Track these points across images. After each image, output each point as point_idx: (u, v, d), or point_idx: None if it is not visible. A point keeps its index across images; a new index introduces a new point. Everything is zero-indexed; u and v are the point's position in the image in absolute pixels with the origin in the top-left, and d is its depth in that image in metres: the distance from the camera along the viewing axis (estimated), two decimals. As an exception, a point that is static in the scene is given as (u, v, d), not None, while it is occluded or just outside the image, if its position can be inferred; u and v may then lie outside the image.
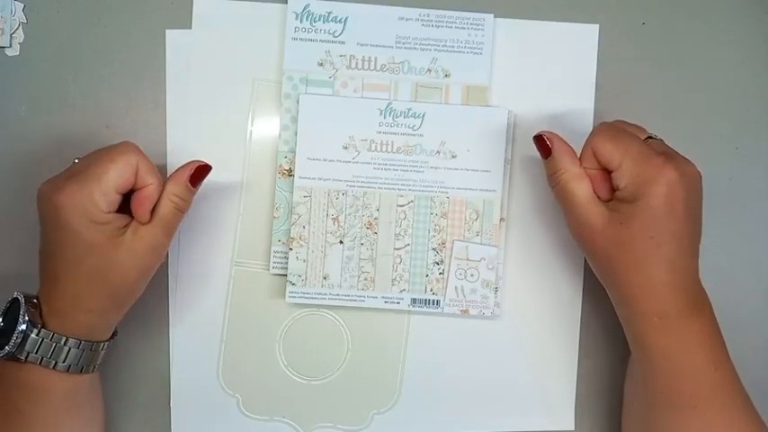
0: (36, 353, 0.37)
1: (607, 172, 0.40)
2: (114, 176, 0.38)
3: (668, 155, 0.39)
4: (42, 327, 0.38)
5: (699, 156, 0.48)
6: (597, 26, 0.47)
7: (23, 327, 0.37)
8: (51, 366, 0.38)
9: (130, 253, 0.38)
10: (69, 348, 0.38)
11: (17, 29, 0.46)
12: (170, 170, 0.46)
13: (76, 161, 0.40)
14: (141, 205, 0.39)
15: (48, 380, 0.38)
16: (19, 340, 0.37)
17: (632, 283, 0.38)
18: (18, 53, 0.46)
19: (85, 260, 0.38)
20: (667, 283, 0.38)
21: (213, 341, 0.47)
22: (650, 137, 0.41)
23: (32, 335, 0.37)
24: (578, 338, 0.48)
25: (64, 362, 0.38)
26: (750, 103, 0.48)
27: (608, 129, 0.40)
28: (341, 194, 0.46)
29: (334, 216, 0.46)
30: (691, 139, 0.48)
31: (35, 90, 0.46)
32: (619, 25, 0.48)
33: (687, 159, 0.39)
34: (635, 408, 0.43)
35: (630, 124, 0.43)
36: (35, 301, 0.39)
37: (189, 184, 0.41)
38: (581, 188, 0.40)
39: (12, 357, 0.38)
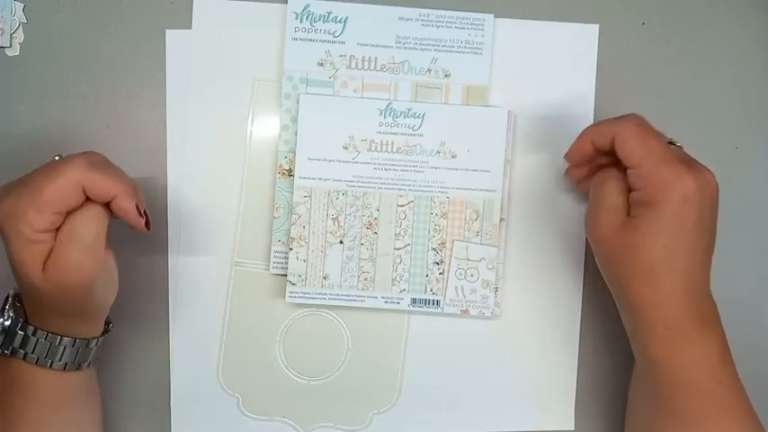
0: (21, 348, 0.38)
1: (616, 163, 0.40)
2: (50, 196, 0.35)
3: (689, 163, 0.38)
4: (25, 322, 0.38)
5: (699, 156, 0.48)
6: (597, 26, 0.47)
7: (8, 322, 0.38)
8: (35, 362, 0.38)
9: (52, 282, 0.35)
10: (51, 344, 0.38)
11: (17, 29, 0.46)
12: (170, 170, 0.46)
13: (57, 159, 0.38)
14: (127, 222, 0.38)
15: (36, 377, 0.38)
16: (2, 335, 0.37)
17: (641, 292, 0.38)
18: (18, 53, 0.46)
19: (22, 280, 0.36)
20: (677, 294, 0.37)
21: (213, 341, 0.47)
22: (671, 142, 0.40)
23: (17, 330, 0.37)
24: (578, 338, 0.48)
25: (47, 357, 0.38)
26: (750, 103, 0.48)
27: (638, 124, 0.39)
28: (341, 194, 0.46)
29: (334, 216, 0.46)
30: (691, 139, 0.48)
31: (35, 90, 0.46)
32: (619, 25, 0.48)
33: (708, 169, 0.38)
34: (638, 416, 0.42)
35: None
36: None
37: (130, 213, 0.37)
38: (614, 191, 0.39)
39: (1, 353, 0.38)
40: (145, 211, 0.38)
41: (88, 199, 0.36)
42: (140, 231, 0.39)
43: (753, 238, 0.49)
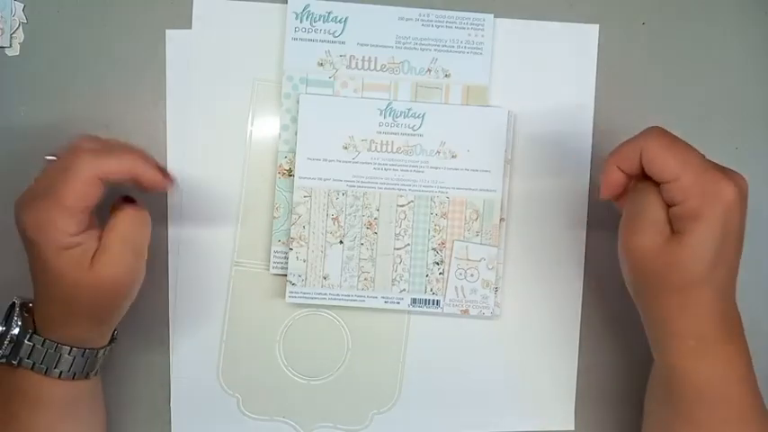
0: (28, 358, 0.37)
1: (650, 180, 0.37)
2: (72, 200, 0.35)
3: (723, 169, 0.36)
4: (33, 332, 0.37)
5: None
6: (597, 26, 0.47)
7: (15, 331, 0.37)
8: (43, 372, 0.37)
9: (100, 280, 0.36)
10: (60, 355, 0.37)
11: (17, 29, 0.46)
12: (170, 171, 0.46)
13: (48, 158, 0.38)
14: (149, 190, 0.38)
15: (44, 386, 0.38)
16: (10, 345, 0.37)
17: (673, 304, 0.36)
18: (18, 53, 0.46)
19: (56, 287, 0.36)
20: (711, 306, 0.36)
21: (213, 341, 0.47)
22: None
23: (25, 340, 0.37)
24: (578, 338, 0.48)
25: (56, 368, 0.38)
26: (750, 103, 0.48)
27: (663, 135, 0.37)
28: (341, 194, 0.46)
29: (334, 216, 0.46)
30: (691, 139, 0.48)
31: (35, 90, 0.46)
32: (619, 25, 0.48)
33: (738, 173, 0.37)
34: (655, 419, 0.41)
35: None
36: (30, 305, 0.39)
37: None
38: (657, 205, 0.36)
39: (8, 363, 0.37)
40: (164, 172, 0.39)
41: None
42: (163, 190, 0.40)
43: (753, 238, 0.49)
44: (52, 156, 0.38)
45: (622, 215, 0.38)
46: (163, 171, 0.39)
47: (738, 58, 0.48)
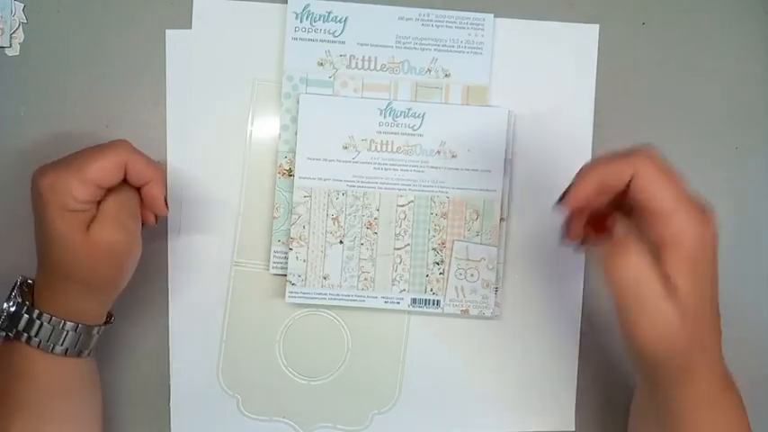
0: (24, 331, 0.38)
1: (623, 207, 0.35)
2: (96, 169, 0.38)
3: (702, 204, 0.34)
4: (31, 305, 0.39)
5: (699, 156, 0.48)
6: (597, 26, 0.47)
7: (12, 308, 0.39)
8: (50, 350, 0.38)
9: (96, 242, 0.38)
10: (54, 328, 0.38)
11: (17, 29, 0.46)
12: (170, 170, 0.46)
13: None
14: (146, 207, 0.41)
15: (39, 363, 0.39)
16: (6, 321, 0.38)
17: (656, 340, 0.34)
18: (18, 53, 0.46)
19: (55, 250, 0.38)
20: (715, 350, 0.35)
21: (213, 341, 0.47)
22: None
23: (23, 312, 0.38)
24: (578, 338, 0.48)
25: (62, 345, 0.39)
26: (750, 103, 0.48)
27: (661, 161, 0.34)
28: (341, 194, 0.46)
29: (335, 216, 0.46)
30: (691, 139, 0.48)
31: (35, 90, 0.46)
32: (619, 25, 0.48)
33: (708, 204, 0.34)
34: None
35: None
36: (30, 282, 0.40)
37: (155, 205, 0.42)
38: (651, 280, 0.33)
39: (5, 337, 0.39)
40: (166, 201, 0.42)
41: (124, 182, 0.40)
42: (150, 223, 0.43)
43: (753, 238, 0.49)
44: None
45: (616, 301, 0.34)
46: (166, 202, 0.42)
47: (738, 58, 0.48)
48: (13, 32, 0.46)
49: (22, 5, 0.46)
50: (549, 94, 0.47)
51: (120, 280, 0.41)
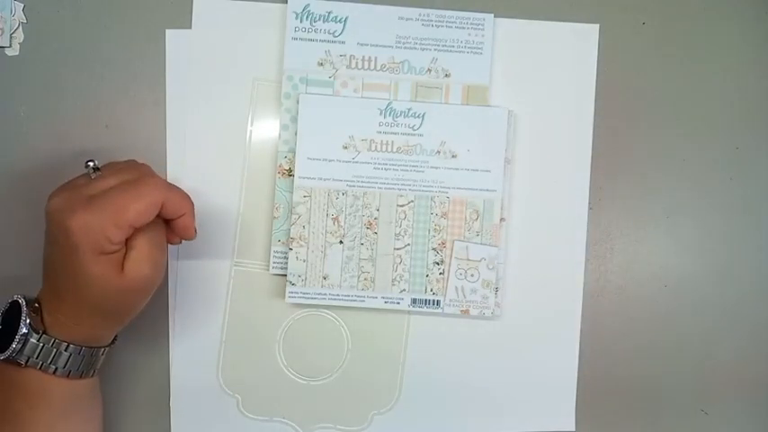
0: (36, 358, 0.37)
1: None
2: (134, 215, 0.37)
3: None
4: (44, 332, 0.38)
5: (699, 156, 0.48)
6: (597, 26, 0.47)
7: (25, 330, 0.37)
8: (51, 372, 0.38)
9: (131, 281, 0.38)
10: (70, 354, 0.38)
11: (17, 29, 0.46)
12: (170, 170, 0.46)
13: (90, 164, 0.39)
14: (175, 234, 0.41)
15: (47, 384, 0.38)
16: (20, 345, 0.37)
17: None
18: (18, 53, 0.46)
19: (86, 290, 0.37)
20: None
21: (213, 341, 0.47)
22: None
23: (33, 339, 0.37)
24: (578, 338, 0.48)
25: (64, 367, 0.38)
26: (750, 103, 0.48)
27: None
28: (341, 194, 0.46)
29: (334, 216, 0.46)
30: (691, 139, 0.48)
31: (35, 90, 0.46)
32: (619, 25, 0.48)
33: None
34: None
35: None
36: (36, 305, 0.39)
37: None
38: None
39: (11, 361, 0.37)
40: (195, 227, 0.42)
41: None
42: (174, 244, 0.42)
43: (753, 238, 0.49)
44: (92, 161, 0.39)
45: None
46: (195, 228, 0.42)
47: (738, 58, 0.48)
48: (13, 32, 0.46)
49: (22, 5, 0.46)
50: (549, 94, 0.47)
51: (141, 307, 0.40)
